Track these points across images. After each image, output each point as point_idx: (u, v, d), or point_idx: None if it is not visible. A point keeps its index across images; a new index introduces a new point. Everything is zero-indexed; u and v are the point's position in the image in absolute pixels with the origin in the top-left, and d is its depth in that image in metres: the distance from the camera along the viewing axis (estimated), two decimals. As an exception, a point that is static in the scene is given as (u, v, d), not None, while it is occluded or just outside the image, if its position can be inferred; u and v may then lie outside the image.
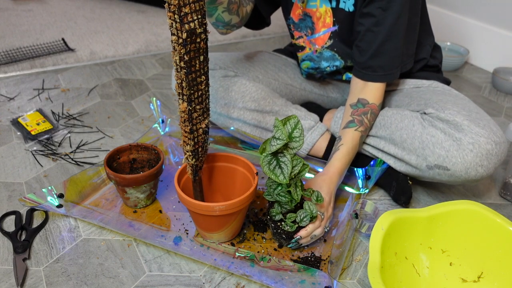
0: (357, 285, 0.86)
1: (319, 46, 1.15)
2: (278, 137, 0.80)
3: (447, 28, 1.94)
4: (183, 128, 0.80)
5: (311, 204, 0.86)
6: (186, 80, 0.74)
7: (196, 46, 0.72)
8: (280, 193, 0.86)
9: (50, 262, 0.87)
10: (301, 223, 0.86)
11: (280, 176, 0.81)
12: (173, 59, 0.73)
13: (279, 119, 0.81)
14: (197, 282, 0.85)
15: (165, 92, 1.53)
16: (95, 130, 1.29)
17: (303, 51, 1.20)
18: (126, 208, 1.01)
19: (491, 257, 0.83)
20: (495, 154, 0.93)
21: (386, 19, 0.99)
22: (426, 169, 0.99)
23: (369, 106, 1.04)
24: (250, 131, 1.16)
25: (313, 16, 1.12)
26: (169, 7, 0.68)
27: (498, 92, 1.68)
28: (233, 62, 1.23)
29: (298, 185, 0.85)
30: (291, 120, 0.83)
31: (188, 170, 0.87)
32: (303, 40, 1.18)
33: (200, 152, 0.85)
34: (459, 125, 0.95)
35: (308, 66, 1.22)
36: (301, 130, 0.82)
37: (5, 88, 1.49)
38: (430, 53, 1.18)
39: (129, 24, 2.10)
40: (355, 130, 1.02)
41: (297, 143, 0.82)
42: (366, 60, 1.03)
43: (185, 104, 0.76)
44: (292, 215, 0.86)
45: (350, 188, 1.09)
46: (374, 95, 1.05)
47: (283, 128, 0.80)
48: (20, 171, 1.11)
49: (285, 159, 0.81)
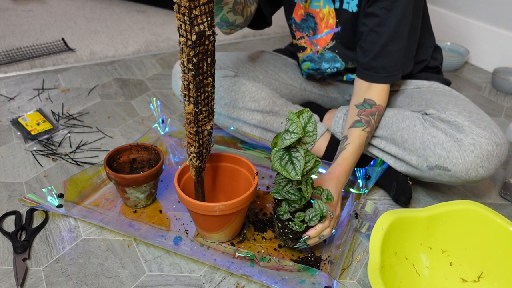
0: (357, 285, 0.86)
1: (320, 47, 1.15)
2: (292, 130, 0.76)
3: (447, 28, 1.94)
4: (188, 129, 0.80)
5: (321, 203, 0.82)
6: (194, 82, 0.73)
7: (204, 48, 0.72)
8: (289, 191, 0.82)
9: (50, 262, 0.87)
10: (310, 223, 0.82)
11: (292, 172, 0.76)
12: (181, 60, 0.73)
13: (293, 112, 0.78)
14: (197, 282, 0.85)
15: (165, 92, 1.53)
16: (95, 130, 1.29)
17: (304, 51, 1.20)
18: (126, 208, 1.01)
19: (491, 257, 0.83)
20: (496, 155, 0.93)
21: (389, 19, 0.99)
22: (426, 170, 0.99)
23: (376, 108, 1.03)
24: (250, 131, 1.16)
25: (316, 16, 1.12)
26: (179, 8, 0.67)
27: (498, 92, 1.68)
28: (233, 62, 1.23)
29: (309, 182, 0.82)
30: (304, 113, 0.80)
31: (192, 171, 0.86)
32: (304, 41, 1.18)
33: (204, 153, 0.84)
34: (460, 126, 0.95)
35: (308, 67, 1.21)
36: (314, 125, 0.79)
37: (5, 88, 1.49)
38: (431, 55, 1.18)
39: (129, 24, 2.10)
40: (362, 130, 1.01)
41: (310, 138, 0.79)
42: (369, 61, 1.03)
43: (192, 106, 0.76)
44: (301, 214, 0.83)
45: (350, 188, 1.09)
46: (380, 96, 1.04)
47: (298, 121, 0.76)
48: (20, 171, 1.11)
49: (298, 154, 0.77)
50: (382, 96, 1.04)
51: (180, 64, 0.73)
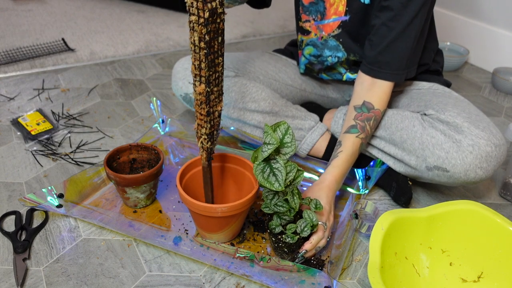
0: (357, 285, 0.86)
1: (326, 33, 1.13)
2: (268, 142, 0.78)
3: (447, 28, 1.94)
4: (198, 111, 0.80)
5: (311, 212, 0.84)
6: (206, 61, 0.73)
7: (216, 26, 0.72)
8: (277, 203, 0.84)
9: (50, 262, 0.87)
10: (302, 234, 0.83)
11: (275, 183, 0.78)
12: (191, 40, 0.73)
13: (268, 125, 0.80)
14: (197, 282, 0.85)
15: (165, 92, 1.53)
16: (95, 130, 1.29)
17: (308, 35, 1.18)
18: (126, 208, 1.01)
19: (491, 257, 0.83)
20: (495, 156, 0.93)
21: (403, 16, 0.98)
22: (425, 170, 0.99)
23: (373, 112, 1.02)
24: (251, 131, 1.16)
25: (326, 1, 1.10)
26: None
27: (498, 92, 1.68)
28: (233, 62, 1.23)
29: (295, 192, 0.83)
30: (281, 126, 0.82)
31: (203, 154, 0.86)
32: (309, 25, 1.16)
33: (215, 135, 0.85)
34: (459, 127, 0.95)
35: (311, 52, 1.20)
36: (292, 136, 0.81)
37: (5, 88, 1.49)
38: (432, 59, 1.18)
39: (129, 24, 2.10)
40: (356, 137, 1.00)
41: (289, 149, 0.81)
42: (375, 55, 1.02)
43: (203, 85, 0.76)
44: (292, 225, 0.84)
45: (350, 189, 1.09)
46: (380, 99, 1.03)
47: (272, 133, 0.78)
48: (20, 171, 1.11)
49: (278, 165, 0.79)
50: (382, 99, 1.03)
51: (190, 45, 0.73)
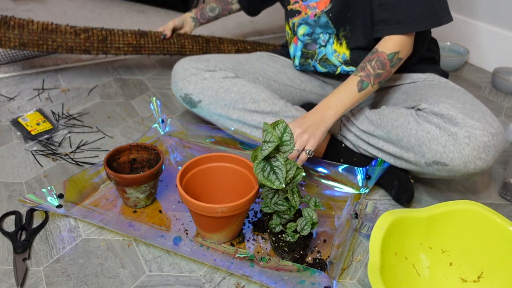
0: (357, 285, 0.86)
1: (319, 10, 1.14)
2: (268, 140, 0.78)
3: (447, 28, 1.94)
4: None
5: (310, 211, 0.84)
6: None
7: None
8: (277, 202, 0.84)
9: (50, 262, 0.87)
10: (303, 232, 0.84)
11: (276, 181, 0.79)
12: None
13: (267, 123, 0.80)
14: (197, 282, 0.85)
15: (165, 92, 1.53)
16: (95, 130, 1.29)
17: (299, 15, 1.19)
18: (126, 208, 1.01)
19: (491, 257, 0.83)
20: (493, 146, 0.93)
21: None
22: (425, 166, 0.98)
23: (376, 54, 1.03)
24: (250, 132, 1.16)
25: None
26: None
27: (498, 92, 1.68)
28: (233, 63, 1.23)
29: (295, 190, 0.84)
30: (279, 124, 0.82)
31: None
32: (299, 5, 1.17)
33: None
34: (454, 118, 0.94)
35: (304, 31, 1.19)
36: (290, 134, 0.81)
37: (5, 88, 1.49)
38: (425, 47, 1.18)
39: (129, 24, 2.10)
40: (354, 75, 1.03)
41: (288, 147, 0.81)
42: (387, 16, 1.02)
43: None
44: (293, 224, 0.85)
45: (350, 188, 1.09)
46: (386, 44, 1.04)
47: (272, 131, 0.78)
48: (20, 171, 1.11)
49: (278, 163, 0.80)
50: (389, 44, 1.04)
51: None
